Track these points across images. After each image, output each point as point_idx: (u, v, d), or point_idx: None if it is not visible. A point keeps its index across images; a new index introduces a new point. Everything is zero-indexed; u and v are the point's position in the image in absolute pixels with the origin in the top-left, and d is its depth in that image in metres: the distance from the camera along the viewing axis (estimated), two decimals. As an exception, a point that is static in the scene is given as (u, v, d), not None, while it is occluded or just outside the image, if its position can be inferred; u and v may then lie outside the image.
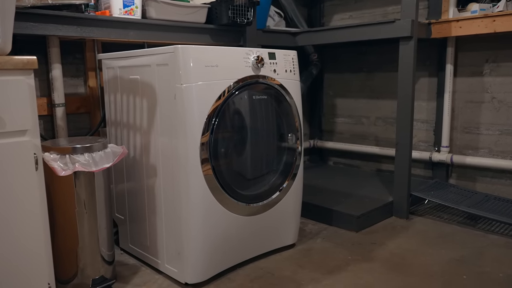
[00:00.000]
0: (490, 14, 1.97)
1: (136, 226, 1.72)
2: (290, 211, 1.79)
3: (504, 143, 2.22)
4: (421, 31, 2.14)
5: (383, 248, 1.82)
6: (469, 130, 2.34)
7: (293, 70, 1.72)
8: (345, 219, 2.04)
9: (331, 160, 3.09)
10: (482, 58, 2.25)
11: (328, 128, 3.07)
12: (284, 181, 1.73)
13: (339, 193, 2.35)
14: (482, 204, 2.09)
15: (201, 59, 1.42)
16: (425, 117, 2.51)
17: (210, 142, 1.46)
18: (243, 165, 1.63)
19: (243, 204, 1.59)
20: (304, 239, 1.94)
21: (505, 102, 2.20)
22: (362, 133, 2.86)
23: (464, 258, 1.70)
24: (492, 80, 2.23)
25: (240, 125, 1.58)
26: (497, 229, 1.98)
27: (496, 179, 2.26)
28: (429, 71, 2.46)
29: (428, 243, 1.86)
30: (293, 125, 1.73)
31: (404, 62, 2.04)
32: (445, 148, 2.40)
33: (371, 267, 1.65)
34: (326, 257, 1.75)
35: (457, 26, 2.09)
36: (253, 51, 1.57)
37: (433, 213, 2.23)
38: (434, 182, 2.38)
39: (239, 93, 1.54)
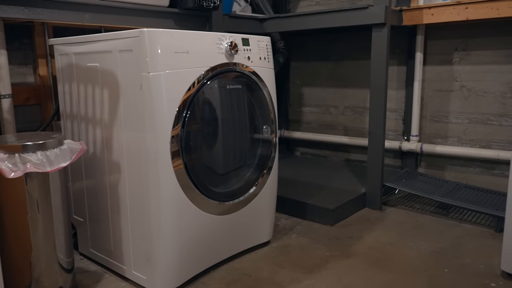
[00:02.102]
0: (462, 1, 1.95)
1: (98, 229, 1.56)
2: (266, 207, 1.69)
3: (473, 132, 2.23)
4: (393, 18, 2.09)
5: (361, 242, 1.76)
6: (438, 119, 2.34)
7: (267, 58, 1.61)
8: (319, 213, 1.97)
9: (299, 150, 3.02)
10: (451, 47, 2.24)
11: (295, 118, 2.99)
12: (259, 175, 1.63)
13: (310, 185, 2.29)
14: (454, 193, 2.09)
15: (170, 45, 1.28)
16: (394, 106, 2.49)
17: (181, 135, 1.33)
18: (217, 160, 1.51)
19: (217, 202, 1.47)
20: (278, 235, 1.85)
21: (474, 91, 2.20)
22: (330, 122, 2.81)
23: (444, 250, 1.68)
24: (462, 68, 2.22)
25: (213, 116, 1.46)
26: (469, 218, 1.99)
27: (465, 167, 2.28)
28: (398, 59, 2.43)
29: (405, 235, 1.83)
30: (267, 116, 1.63)
31: (377, 51, 1.98)
32: (415, 137, 2.38)
33: (351, 264, 1.59)
34: (304, 254, 1.67)
35: (429, 13, 2.05)
36: (226, 36, 1.44)
37: (405, 203, 2.21)
38: (404, 171, 2.37)
39: (212, 82, 1.41)
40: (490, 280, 1.44)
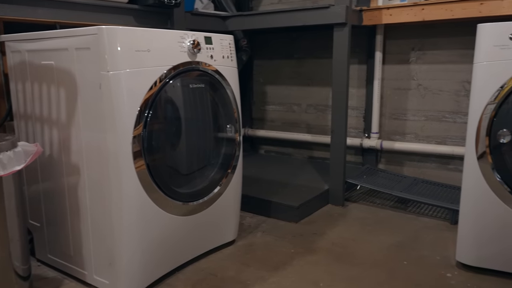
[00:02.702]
0: (419, 3, 2.01)
1: (56, 233, 1.50)
2: (231, 206, 1.69)
3: (429, 128, 2.32)
4: (354, 17, 2.13)
5: (325, 238, 1.79)
6: (397, 116, 2.41)
7: (231, 56, 1.60)
8: (284, 210, 1.99)
9: (263, 148, 3.03)
10: (408, 46, 2.31)
11: (259, 116, 3.00)
12: (224, 174, 1.62)
13: (275, 182, 2.30)
14: (412, 188, 2.16)
15: (130, 43, 1.24)
16: (355, 104, 2.54)
17: (143, 135, 1.30)
18: (180, 160, 1.49)
19: (181, 203, 1.45)
20: (244, 233, 1.85)
21: (430, 89, 2.28)
22: (294, 120, 2.84)
23: (403, 243, 1.73)
24: (418, 67, 2.30)
25: (175, 116, 1.43)
26: (426, 212, 2.07)
27: (422, 162, 2.36)
28: (358, 58, 2.48)
29: (366, 230, 1.87)
30: (231, 115, 1.62)
31: (338, 50, 2.02)
32: (375, 134, 2.45)
33: (315, 260, 1.61)
34: (269, 252, 1.68)
35: (388, 14, 2.11)
36: (188, 34, 1.42)
37: (366, 198, 2.27)
38: (365, 168, 2.43)
39: (174, 81, 1.38)
40: (446, 271, 1.50)
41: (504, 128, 1.32)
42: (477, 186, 1.39)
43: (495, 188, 1.36)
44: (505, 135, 1.32)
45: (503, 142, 1.33)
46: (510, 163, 1.35)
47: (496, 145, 1.34)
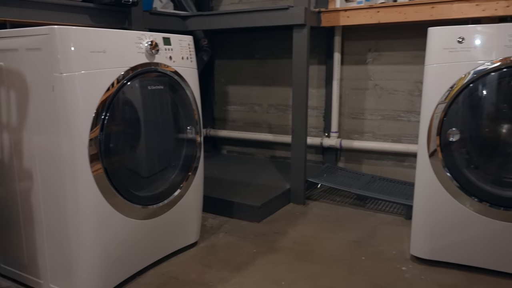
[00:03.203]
0: (374, 5, 2.08)
1: (8, 242, 1.44)
2: (192, 208, 1.68)
3: (386, 127, 2.39)
4: (313, 19, 2.17)
5: (286, 237, 1.82)
6: (355, 115, 2.47)
7: (190, 57, 1.59)
8: (246, 210, 2.00)
9: (225, 148, 3.03)
10: (365, 47, 2.37)
11: (221, 116, 2.99)
12: (185, 176, 1.61)
13: (237, 183, 2.31)
14: (370, 185, 2.23)
15: (85, 44, 1.21)
16: (315, 104, 2.59)
17: (100, 138, 1.27)
18: (140, 162, 1.46)
19: (141, 206, 1.43)
20: (206, 235, 1.85)
21: (386, 89, 2.36)
22: (255, 120, 2.85)
23: (361, 239, 1.78)
24: (375, 68, 2.37)
25: (134, 118, 1.41)
26: (384, 208, 2.14)
27: (380, 160, 2.44)
28: (318, 58, 2.53)
29: (327, 227, 1.92)
30: (191, 116, 1.61)
31: (298, 50, 2.05)
32: (335, 133, 2.50)
33: (277, 259, 1.63)
34: (232, 252, 1.68)
35: (345, 16, 2.16)
36: (146, 35, 1.40)
37: (327, 196, 2.32)
38: (325, 166, 2.48)
39: (132, 82, 1.36)
40: (402, 264, 1.56)
41: (453, 127, 1.39)
42: (429, 183, 1.46)
43: (445, 184, 1.43)
44: (454, 134, 1.38)
45: (452, 141, 1.39)
46: (459, 160, 1.41)
47: (446, 143, 1.41)
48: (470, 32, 1.33)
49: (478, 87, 1.36)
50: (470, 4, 1.84)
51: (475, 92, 1.37)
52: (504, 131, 1.42)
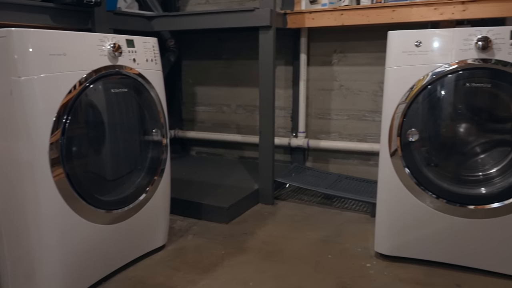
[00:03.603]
0: (338, 8, 2.12)
1: (-33, 251, 1.39)
2: (159, 211, 1.66)
3: (351, 127, 2.45)
4: (278, 21, 2.19)
5: (255, 238, 1.83)
6: (322, 116, 2.52)
7: (155, 59, 1.57)
8: (214, 212, 2.00)
9: (194, 150, 3.02)
10: (331, 49, 2.42)
11: (189, 117, 2.98)
12: (151, 179, 1.60)
13: (206, 184, 2.30)
14: (337, 184, 2.27)
15: (44, 46, 1.18)
16: (283, 104, 2.62)
17: (61, 142, 1.25)
18: (104, 166, 1.44)
19: (106, 211, 1.41)
20: (174, 237, 1.84)
21: (351, 90, 2.41)
22: (224, 121, 2.85)
23: (328, 238, 1.82)
24: (340, 69, 2.42)
25: (97, 121, 1.39)
26: (350, 206, 2.18)
27: (346, 159, 2.49)
28: (285, 59, 2.56)
29: (294, 227, 1.94)
30: (157, 118, 1.60)
31: (264, 51, 2.06)
32: (302, 133, 2.54)
33: (246, 260, 1.64)
34: (200, 254, 1.68)
35: (310, 18, 2.19)
36: (108, 37, 1.37)
37: (295, 196, 2.35)
38: (293, 166, 2.51)
39: (94, 85, 1.34)
40: (366, 261, 1.61)
41: (413, 128, 1.44)
42: (391, 181, 1.50)
43: (406, 183, 1.48)
44: (413, 134, 1.43)
45: (411, 141, 1.44)
46: (419, 159, 1.47)
47: (406, 143, 1.46)
48: (427, 36, 1.38)
49: (435, 88, 1.42)
50: (428, 8, 1.90)
51: (433, 93, 1.42)
52: (461, 130, 1.48)
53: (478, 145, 1.48)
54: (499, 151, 1.46)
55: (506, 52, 1.29)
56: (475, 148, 1.49)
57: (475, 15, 1.83)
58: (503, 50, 1.29)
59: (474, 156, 1.49)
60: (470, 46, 1.33)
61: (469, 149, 1.49)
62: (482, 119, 1.45)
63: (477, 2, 1.81)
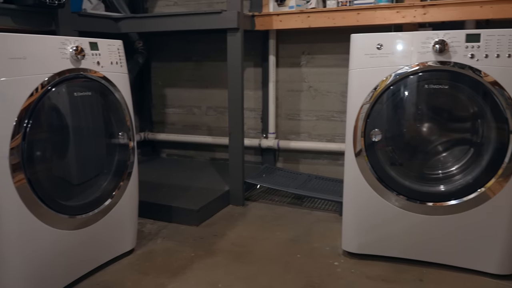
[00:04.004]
0: (305, 10, 2.15)
1: None
2: (127, 215, 1.65)
3: (320, 128, 2.48)
4: (246, 23, 2.21)
5: (225, 239, 1.84)
6: (292, 116, 2.54)
7: (120, 62, 1.56)
8: (184, 214, 1.99)
9: (165, 152, 2.99)
10: (299, 50, 2.45)
11: (159, 119, 2.95)
12: (118, 183, 1.58)
13: (176, 187, 2.29)
14: (306, 184, 2.30)
15: (4, 50, 1.16)
16: (253, 106, 2.63)
17: (22, 147, 1.22)
18: (69, 171, 1.42)
19: (70, 216, 1.39)
20: (144, 241, 1.82)
21: (319, 91, 2.45)
22: (194, 123, 2.85)
23: (297, 238, 1.84)
24: (308, 70, 2.45)
25: (60, 125, 1.37)
26: (320, 206, 2.22)
27: (316, 159, 2.53)
28: (254, 61, 2.57)
29: (265, 227, 1.96)
30: (123, 122, 1.58)
31: (232, 53, 2.07)
32: (272, 134, 2.56)
33: (215, 262, 1.64)
34: (169, 258, 1.68)
35: (278, 20, 2.21)
36: (70, 40, 1.35)
37: (266, 196, 2.37)
38: (264, 167, 2.53)
39: (57, 89, 1.31)
40: (334, 260, 1.64)
41: (376, 128, 1.47)
42: (356, 181, 1.54)
43: (371, 182, 1.52)
44: (376, 134, 1.47)
45: (375, 141, 1.48)
46: (383, 159, 1.51)
47: (370, 143, 1.49)
48: (387, 39, 1.42)
49: (397, 90, 1.46)
50: (391, 11, 1.95)
51: (394, 95, 1.46)
52: (422, 130, 1.53)
53: (439, 144, 1.54)
54: (459, 150, 1.52)
55: (461, 55, 1.34)
56: (436, 147, 1.54)
57: (435, 19, 1.90)
58: (459, 53, 1.34)
59: (435, 155, 1.55)
60: (428, 49, 1.37)
61: (430, 148, 1.54)
62: (442, 119, 1.50)
63: (437, 6, 1.87)
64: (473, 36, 1.32)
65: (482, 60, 1.32)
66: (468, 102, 1.44)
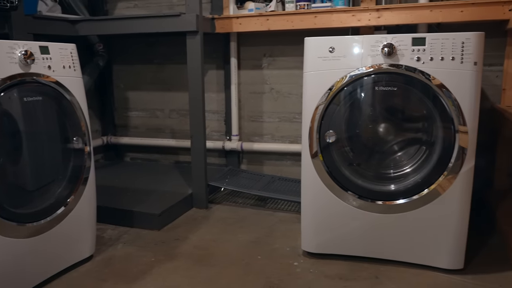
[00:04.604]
0: (264, 13, 2.17)
1: None
2: (84, 221, 1.62)
3: (283, 129, 2.51)
4: (206, 25, 2.21)
5: (187, 243, 1.83)
6: (255, 118, 2.56)
7: (73, 66, 1.53)
8: (146, 219, 1.97)
9: (128, 156, 2.95)
10: (260, 53, 2.47)
11: (122, 123, 2.91)
12: (73, 188, 1.55)
13: (139, 191, 2.26)
14: (269, 186, 2.32)
15: None
16: (216, 108, 2.63)
17: (-32, 157, 1.18)
18: (18, 177, 1.39)
19: (16, 224, 1.34)
20: (103, 247, 1.79)
21: (281, 93, 2.47)
22: (158, 126, 2.82)
23: (259, 239, 1.85)
24: (270, 72, 2.47)
25: (10, 130, 1.33)
26: (282, 207, 2.24)
27: (279, 161, 2.55)
28: (216, 63, 2.57)
29: (227, 230, 1.96)
30: (78, 127, 1.55)
31: (192, 56, 2.07)
32: (235, 136, 2.57)
33: (176, 266, 1.64)
34: (129, 263, 1.66)
35: (238, 23, 2.22)
36: (19, 44, 1.32)
37: (230, 198, 2.37)
38: (228, 169, 2.53)
39: (5, 94, 1.28)
40: (294, 260, 1.66)
41: (330, 129, 1.51)
42: (313, 182, 1.56)
43: (327, 183, 1.55)
44: (330, 136, 1.50)
45: (329, 142, 1.51)
46: (338, 160, 1.54)
47: (325, 145, 1.52)
48: (339, 43, 1.46)
49: (349, 92, 1.49)
50: (347, 14, 2.00)
51: (346, 97, 1.50)
52: (375, 131, 1.58)
53: (393, 144, 1.59)
54: (410, 150, 1.57)
55: (408, 58, 1.39)
56: (391, 147, 1.59)
57: (389, 22, 1.95)
58: (406, 56, 1.39)
59: (389, 155, 1.60)
60: (378, 52, 1.41)
61: (384, 148, 1.59)
62: (394, 120, 1.55)
63: (390, 9, 1.93)
64: (419, 40, 1.37)
65: (428, 63, 1.37)
66: (418, 103, 1.49)
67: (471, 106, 1.36)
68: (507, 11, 1.80)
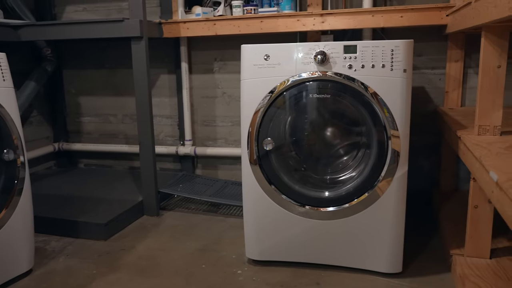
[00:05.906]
0: (211, 18, 2.15)
1: None
2: (20, 233, 1.56)
3: (236, 133, 2.50)
4: (153, 30, 2.17)
5: (132, 253, 1.80)
6: (208, 123, 2.54)
7: (2, 76, 1.47)
8: (92, 229, 1.93)
9: (82, 162, 2.88)
10: (211, 57, 2.45)
11: (74, 129, 2.84)
12: (6, 200, 1.49)
13: (88, 199, 2.21)
14: (222, 191, 2.31)
15: None
16: (169, 113, 2.60)
17: None
18: None
19: None
20: (44, 260, 1.74)
21: (233, 97, 2.46)
22: (111, 131, 2.76)
23: (206, 247, 1.84)
24: (221, 76, 2.46)
25: None
26: (234, 212, 2.23)
27: (233, 165, 2.54)
28: (168, 68, 2.54)
29: (176, 238, 1.94)
30: (9, 138, 1.50)
31: (137, 61, 2.03)
32: (189, 141, 2.54)
33: (118, 277, 1.60)
34: (70, 277, 1.61)
35: (185, 27, 2.20)
36: None
37: (183, 205, 2.35)
38: (182, 175, 2.50)
39: None
40: (238, 268, 1.65)
41: (268, 137, 1.50)
42: (253, 189, 1.56)
43: (266, 190, 1.54)
44: (267, 143, 1.50)
45: (268, 149, 1.51)
46: (277, 167, 1.54)
47: (263, 152, 1.52)
48: (273, 50, 1.45)
49: (284, 100, 1.49)
50: (292, 19, 2.00)
51: (281, 106, 1.50)
52: (310, 138, 1.59)
53: (328, 151, 1.60)
54: (346, 156, 1.59)
55: (341, 65, 1.40)
56: (326, 154, 1.60)
57: (333, 27, 1.96)
58: (338, 63, 1.40)
59: (325, 161, 1.61)
60: (311, 59, 1.42)
61: (321, 154, 1.60)
62: (327, 127, 1.56)
63: (333, 15, 1.94)
64: (350, 48, 1.38)
65: (360, 70, 1.38)
66: (350, 110, 1.50)
67: (402, 112, 1.38)
68: (445, 17, 1.83)
